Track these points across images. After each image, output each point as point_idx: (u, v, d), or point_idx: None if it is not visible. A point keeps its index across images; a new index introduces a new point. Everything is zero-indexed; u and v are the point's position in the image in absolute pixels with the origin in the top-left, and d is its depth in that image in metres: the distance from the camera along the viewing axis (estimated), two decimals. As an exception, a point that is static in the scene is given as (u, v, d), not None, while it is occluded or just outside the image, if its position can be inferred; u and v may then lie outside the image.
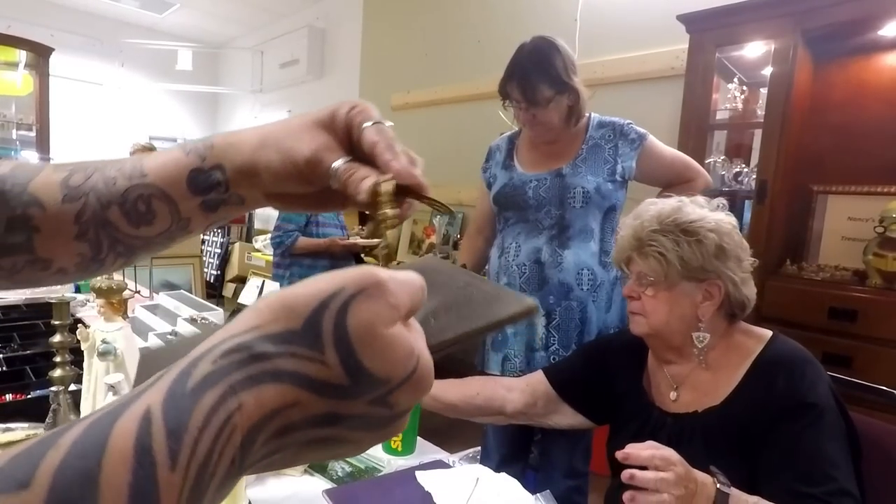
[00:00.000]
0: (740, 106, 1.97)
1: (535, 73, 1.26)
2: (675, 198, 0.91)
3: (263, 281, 1.64)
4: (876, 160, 1.81)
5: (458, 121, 3.31)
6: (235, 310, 1.77)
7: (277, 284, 1.70)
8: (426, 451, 1.04)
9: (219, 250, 4.82)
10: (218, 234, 4.84)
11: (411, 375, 0.23)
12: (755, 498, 0.70)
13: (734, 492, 0.69)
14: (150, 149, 2.81)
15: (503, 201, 1.38)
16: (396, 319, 0.23)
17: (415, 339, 0.24)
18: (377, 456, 0.95)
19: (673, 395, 0.91)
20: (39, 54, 3.90)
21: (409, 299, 0.24)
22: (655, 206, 0.89)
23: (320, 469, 0.87)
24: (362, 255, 2.70)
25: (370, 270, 0.23)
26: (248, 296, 1.68)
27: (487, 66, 3.01)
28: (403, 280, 0.24)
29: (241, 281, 4.60)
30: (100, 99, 5.11)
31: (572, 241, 1.31)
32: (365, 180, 0.31)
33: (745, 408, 0.80)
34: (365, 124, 0.33)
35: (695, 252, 0.83)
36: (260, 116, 5.28)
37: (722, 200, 0.91)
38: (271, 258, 3.83)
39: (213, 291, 4.65)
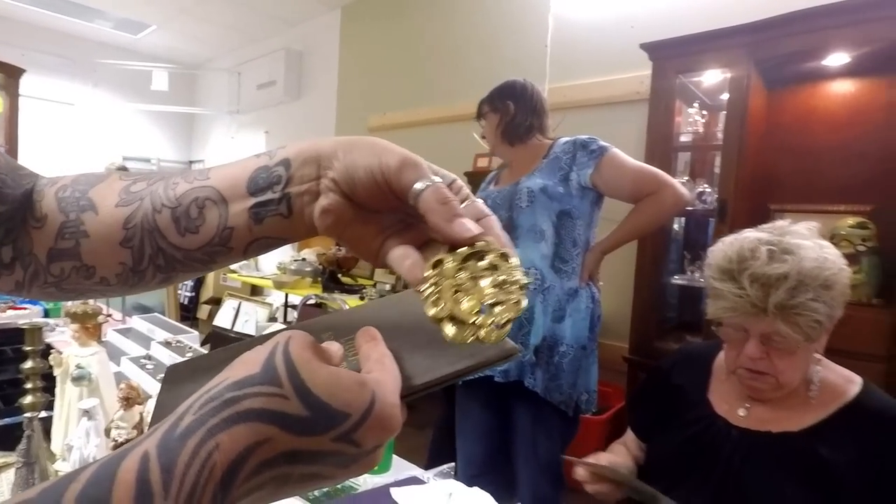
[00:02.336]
0: (701, 129, 2.07)
1: (484, 101, 1.56)
2: (772, 228, 0.84)
3: (240, 303, 1.64)
4: (826, 181, 1.92)
5: (434, 142, 3.37)
6: (211, 333, 1.76)
7: (254, 306, 1.70)
8: (402, 468, 1.05)
9: (193, 271, 4.75)
10: (193, 254, 4.77)
11: (369, 412, 0.25)
12: None
13: None
14: (123, 170, 2.79)
15: None
16: (328, 360, 0.27)
17: (367, 378, 0.27)
18: None
19: (742, 411, 0.90)
20: (10, 75, 3.85)
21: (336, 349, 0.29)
22: (784, 263, 0.78)
23: (296, 489, 0.88)
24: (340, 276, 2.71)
25: (289, 330, 0.28)
26: (224, 318, 1.68)
27: (463, 89, 3.09)
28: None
29: (216, 303, 4.53)
30: (72, 119, 5.04)
31: (520, 239, 1.36)
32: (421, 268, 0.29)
33: (831, 446, 0.79)
34: (416, 185, 0.29)
35: (835, 301, 0.79)
36: (237, 137, 5.27)
37: (814, 224, 0.86)
38: (248, 279, 3.80)
39: (188, 314, 4.57)
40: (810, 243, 0.82)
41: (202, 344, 1.71)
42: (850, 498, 0.78)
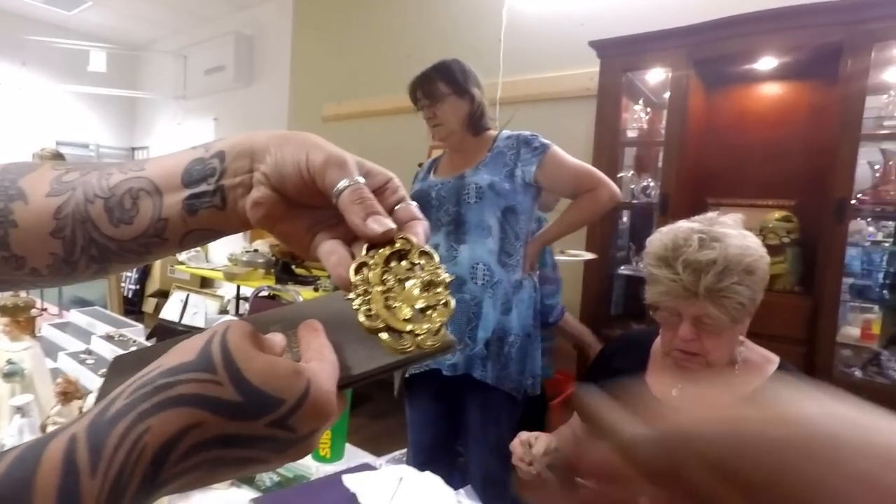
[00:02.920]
0: (646, 125, 2.16)
1: (434, 74, 1.46)
2: (702, 219, 0.90)
3: (188, 295, 1.59)
4: (756, 177, 2.06)
5: (388, 133, 3.35)
6: (157, 326, 1.70)
7: (204, 298, 1.66)
8: (355, 457, 1.06)
9: (137, 263, 4.54)
10: (136, 246, 4.55)
11: (303, 399, 0.26)
12: None
13: None
14: (58, 155, 2.62)
15: None
16: (269, 350, 0.28)
17: (303, 367, 0.28)
18: (305, 464, 0.97)
19: (675, 391, 0.94)
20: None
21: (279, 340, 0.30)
22: (713, 250, 0.84)
23: (247, 480, 0.88)
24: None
25: (230, 320, 0.29)
26: (171, 310, 1.63)
27: (418, 80, 3.09)
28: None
29: (163, 295, 4.35)
30: (-2, 100, 4.68)
31: (468, 235, 1.39)
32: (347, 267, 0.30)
33: None
34: (339, 184, 0.30)
35: (756, 286, 0.86)
36: (183, 123, 5.05)
37: (738, 216, 0.93)
38: (197, 270, 3.67)
39: (132, 307, 4.37)
40: (735, 232, 0.89)
41: (148, 337, 1.65)
42: None
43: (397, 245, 0.30)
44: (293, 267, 2.92)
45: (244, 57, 4.38)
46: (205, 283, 4.25)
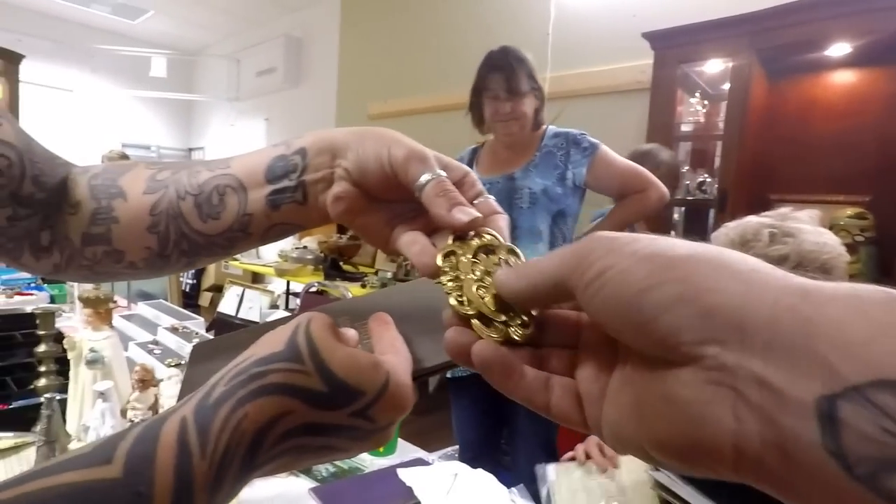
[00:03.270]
0: (702, 119, 2.08)
1: (518, 66, 1.37)
2: (774, 214, 0.85)
3: (244, 290, 1.66)
4: (825, 171, 1.94)
5: (434, 130, 3.36)
6: (216, 319, 1.78)
7: (257, 293, 1.72)
8: (407, 451, 1.08)
9: (194, 259, 4.76)
10: (193, 242, 4.78)
11: (383, 391, 0.27)
12: None
13: None
14: (124, 157, 2.79)
15: None
16: (345, 342, 0.29)
17: (382, 360, 0.28)
18: (360, 457, 0.99)
19: None
20: (9, 61, 3.83)
21: (353, 333, 0.31)
22: (785, 245, 0.80)
23: (305, 471, 0.90)
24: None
25: (311, 313, 0.30)
26: (228, 304, 1.70)
27: (462, 76, 3.06)
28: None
29: (217, 290, 4.55)
30: (70, 105, 5.02)
31: (519, 241, 1.36)
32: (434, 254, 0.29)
33: None
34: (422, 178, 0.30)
35: None
36: (236, 124, 5.25)
37: (814, 212, 0.87)
38: (249, 266, 3.82)
39: (189, 301, 4.59)
40: (810, 227, 0.84)
41: (207, 330, 1.73)
42: None
43: (486, 238, 0.29)
44: (341, 264, 2.99)
45: (293, 58, 4.50)
46: (256, 279, 4.42)
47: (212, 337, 1.59)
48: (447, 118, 3.26)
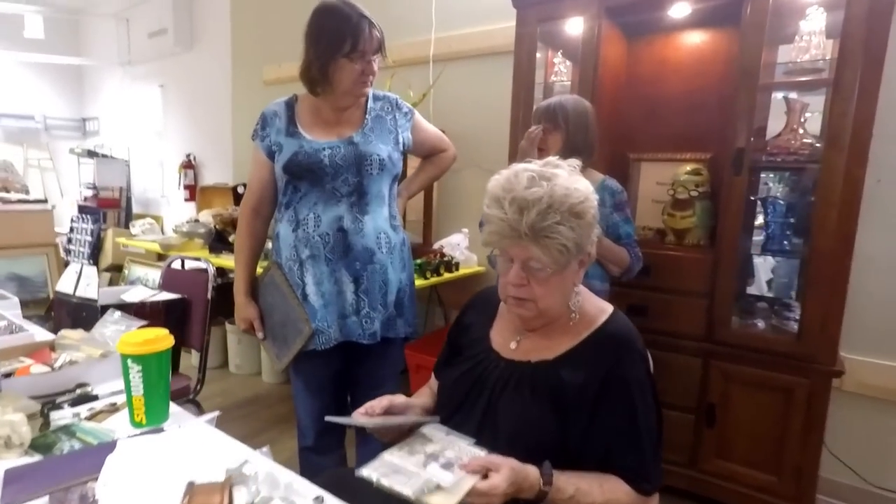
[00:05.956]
0: (566, 79, 2.10)
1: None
2: (535, 163, 0.89)
3: (82, 265, 1.54)
4: (677, 130, 2.02)
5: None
6: (55, 298, 1.66)
7: (94, 270, 1.61)
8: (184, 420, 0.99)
9: (90, 238, 4.46)
10: (88, 219, 4.47)
11: None
12: (573, 486, 0.81)
13: (558, 482, 0.79)
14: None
15: (296, 170, 1.33)
16: None
17: None
18: (111, 428, 0.93)
19: (514, 343, 0.97)
20: None
21: None
22: (540, 188, 0.83)
23: (44, 448, 0.85)
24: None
25: None
26: (66, 283, 1.58)
27: (352, 38, 2.97)
28: None
29: (117, 269, 4.29)
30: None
31: (370, 206, 1.35)
32: None
33: (572, 369, 0.87)
34: None
35: (583, 231, 0.85)
36: (130, 90, 4.88)
37: (576, 161, 0.91)
38: (150, 245, 3.60)
39: (86, 282, 4.32)
40: (565, 174, 0.88)
41: (47, 311, 1.61)
42: (576, 419, 0.85)
43: None
44: (230, 238, 2.87)
45: (184, 19, 4.19)
46: (161, 257, 4.19)
47: (35, 323, 1.48)
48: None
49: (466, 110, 2.57)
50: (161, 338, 0.94)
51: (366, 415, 0.96)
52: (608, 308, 0.95)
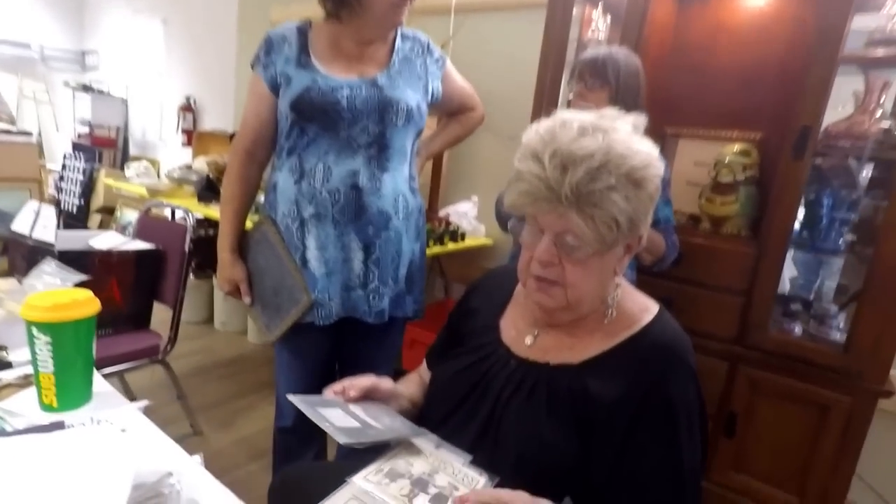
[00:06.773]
0: (604, 37, 1.86)
1: None
2: (599, 114, 0.69)
3: (41, 205, 1.37)
4: (721, 104, 1.79)
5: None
6: (9, 238, 1.47)
7: (52, 211, 1.42)
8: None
9: (81, 177, 4.26)
10: (80, 157, 4.26)
11: None
12: None
13: None
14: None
15: (307, 109, 1.08)
16: None
17: None
18: (21, 412, 0.73)
19: (529, 339, 0.78)
20: None
21: None
22: (594, 141, 0.63)
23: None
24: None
25: None
26: (22, 222, 1.40)
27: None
28: None
29: (109, 212, 4.13)
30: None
31: (391, 162, 1.13)
32: None
33: (602, 380, 0.69)
34: None
35: (641, 205, 0.66)
36: (132, 23, 4.60)
37: (642, 119, 0.71)
38: (139, 189, 3.41)
39: (76, 223, 4.15)
40: (629, 128, 0.68)
41: (1, 253, 1.44)
42: (602, 444, 0.67)
43: None
44: (219, 186, 2.68)
45: (190, -52, 3.89)
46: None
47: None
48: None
49: (488, 69, 2.32)
50: (81, 302, 0.73)
51: (342, 394, 0.79)
52: (653, 307, 0.76)
